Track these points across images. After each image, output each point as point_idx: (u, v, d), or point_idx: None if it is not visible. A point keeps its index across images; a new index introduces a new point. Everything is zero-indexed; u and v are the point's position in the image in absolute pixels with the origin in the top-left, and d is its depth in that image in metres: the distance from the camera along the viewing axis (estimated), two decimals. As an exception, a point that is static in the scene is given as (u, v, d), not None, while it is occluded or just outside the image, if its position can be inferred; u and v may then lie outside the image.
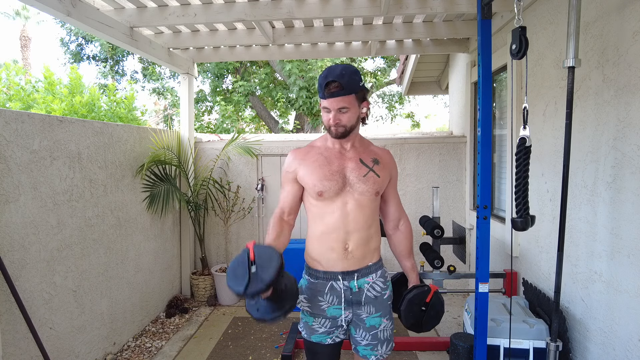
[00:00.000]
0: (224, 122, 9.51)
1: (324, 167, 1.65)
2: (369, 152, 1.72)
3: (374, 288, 1.70)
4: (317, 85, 1.63)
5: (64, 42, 10.54)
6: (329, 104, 1.57)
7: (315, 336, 1.73)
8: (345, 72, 1.56)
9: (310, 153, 1.71)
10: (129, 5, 3.17)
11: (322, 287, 1.69)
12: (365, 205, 1.66)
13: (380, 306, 1.71)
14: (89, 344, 2.89)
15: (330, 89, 1.55)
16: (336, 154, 1.69)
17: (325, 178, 1.63)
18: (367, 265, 1.69)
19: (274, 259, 1.40)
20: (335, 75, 1.54)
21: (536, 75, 2.77)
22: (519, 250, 3.03)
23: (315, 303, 1.70)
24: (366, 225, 1.66)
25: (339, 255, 1.65)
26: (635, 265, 1.81)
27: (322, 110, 1.64)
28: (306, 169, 1.67)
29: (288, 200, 1.73)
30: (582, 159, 2.22)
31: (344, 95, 1.56)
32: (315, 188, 1.64)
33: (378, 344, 1.71)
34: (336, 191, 1.63)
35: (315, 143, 1.76)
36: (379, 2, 3.05)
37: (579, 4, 1.75)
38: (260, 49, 4.32)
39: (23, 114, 2.36)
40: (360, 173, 1.65)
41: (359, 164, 1.67)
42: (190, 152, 4.33)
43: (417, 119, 13.83)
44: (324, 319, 1.70)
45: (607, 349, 2.02)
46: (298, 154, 1.73)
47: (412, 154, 4.45)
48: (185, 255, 4.41)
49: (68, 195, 2.69)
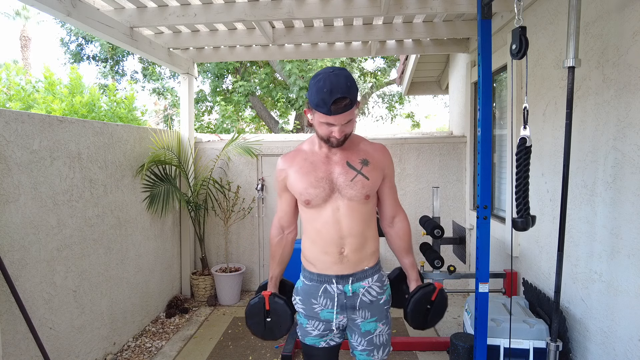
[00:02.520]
0: (224, 122, 9.51)
1: (309, 174, 1.58)
2: (357, 152, 1.62)
3: (370, 292, 1.65)
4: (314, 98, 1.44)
5: (64, 42, 10.54)
6: (336, 120, 1.44)
7: (309, 339, 1.71)
8: (350, 82, 1.42)
9: (296, 159, 1.64)
10: (129, 6, 3.18)
11: (315, 290, 1.65)
12: (357, 210, 1.59)
13: (375, 311, 1.66)
14: (89, 344, 2.89)
15: (340, 106, 1.41)
16: (322, 159, 1.60)
17: (311, 186, 1.57)
18: (363, 269, 1.64)
19: (286, 322, 1.76)
20: (342, 91, 1.39)
21: (536, 75, 2.77)
22: (519, 250, 3.03)
23: (309, 305, 1.68)
24: (360, 229, 1.61)
25: (334, 259, 1.61)
26: (635, 265, 1.81)
27: (319, 124, 1.50)
28: (293, 177, 1.62)
29: (286, 212, 1.74)
30: (582, 159, 2.22)
31: (351, 109, 1.46)
32: (301, 197, 1.60)
33: (374, 349, 1.68)
34: (324, 198, 1.57)
35: (303, 146, 1.67)
36: (379, 2, 3.05)
37: (579, 4, 1.75)
38: (260, 49, 4.32)
39: (23, 114, 2.36)
40: (348, 177, 1.57)
41: (345, 167, 1.58)
42: (190, 152, 4.34)
43: (417, 119, 13.82)
44: (317, 321, 1.68)
45: (607, 349, 2.02)
46: (285, 161, 1.66)
47: (412, 154, 4.45)
48: (185, 255, 4.42)
49: (68, 195, 2.69)
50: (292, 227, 1.78)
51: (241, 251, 4.64)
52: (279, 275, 1.82)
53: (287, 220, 1.76)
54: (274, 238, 1.79)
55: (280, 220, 1.77)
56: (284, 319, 1.75)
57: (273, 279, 1.81)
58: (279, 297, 1.77)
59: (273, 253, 1.79)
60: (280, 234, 1.78)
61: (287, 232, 1.79)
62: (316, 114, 1.48)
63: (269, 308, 1.73)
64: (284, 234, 1.79)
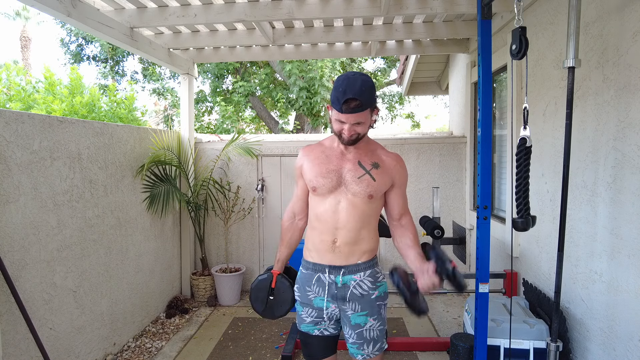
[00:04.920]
0: (224, 123, 9.51)
1: (322, 165, 1.70)
2: (371, 155, 1.72)
3: (360, 286, 1.71)
4: (332, 95, 1.57)
5: (64, 42, 10.54)
6: (346, 118, 1.56)
7: (304, 325, 1.80)
8: (365, 87, 1.52)
9: (314, 150, 1.77)
10: (129, 6, 3.18)
11: (310, 278, 1.75)
12: (358, 206, 1.67)
13: (366, 305, 1.71)
14: (89, 344, 2.89)
15: (350, 106, 1.52)
16: (337, 154, 1.72)
17: (321, 175, 1.68)
18: (355, 263, 1.71)
19: (287, 302, 1.85)
20: (355, 92, 1.50)
21: (536, 75, 2.77)
22: (519, 250, 3.03)
23: (304, 293, 1.78)
24: (357, 225, 1.68)
25: (327, 247, 1.70)
26: (636, 266, 1.81)
27: (334, 120, 1.61)
28: (307, 165, 1.75)
29: (299, 197, 1.85)
30: (582, 159, 2.22)
31: (362, 112, 1.55)
32: (310, 183, 1.72)
33: (364, 343, 1.73)
34: (329, 189, 1.68)
35: (324, 142, 1.80)
36: (379, 3, 3.05)
37: (579, 4, 1.75)
38: (261, 49, 4.32)
39: (23, 115, 2.36)
40: (356, 174, 1.67)
41: (356, 165, 1.68)
42: (191, 153, 4.34)
43: (417, 119, 13.83)
44: (310, 308, 1.76)
45: (607, 349, 2.02)
46: (305, 150, 1.81)
47: (412, 154, 4.45)
48: (186, 255, 4.42)
49: (68, 196, 2.69)
50: (303, 214, 1.88)
51: (241, 251, 4.64)
52: (285, 258, 1.93)
53: (299, 207, 1.87)
54: (285, 222, 1.91)
55: (294, 206, 1.89)
56: (285, 299, 1.86)
57: (280, 261, 1.93)
58: (286, 278, 1.89)
59: (283, 236, 1.92)
60: (291, 219, 1.91)
61: (298, 219, 1.89)
62: (333, 110, 1.60)
63: (274, 286, 1.86)
64: (295, 219, 1.90)
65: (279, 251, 1.93)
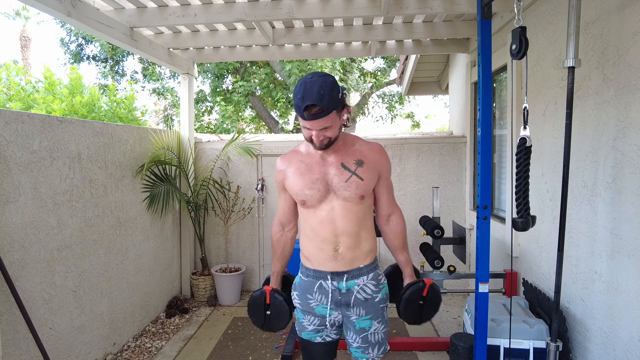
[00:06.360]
0: (224, 122, 9.51)
1: (304, 176, 1.63)
2: (352, 153, 1.64)
3: (364, 290, 1.68)
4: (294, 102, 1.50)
5: (64, 42, 10.53)
6: (311, 125, 1.48)
7: (305, 333, 1.77)
8: (324, 91, 1.42)
9: (293, 160, 1.69)
10: (129, 6, 3.17)
11: (311, 286, 1.70)
12: (352, 210, 1.62)
13: (370, 309, 1.69)
14: (89, 344, 2.89)
15: (311, 112, 1.44)
16: (317, 161, 1.64)
17: (307, 187, 1.62)
18: (358, 267, 1.67)
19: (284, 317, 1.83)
20: (313, 99, 1.41)
21: (536, 75, 2.77)
22: (519, 250, 3.03)
23: (305, 301, 1.73)
24: (355, 229, 1.64)
25: (329, 256, 1.65)
26: (635, 265, 1.81)
27: (302, 127, 1.54)
28: (290, 178, 1.67)
29: (285, 211, 1.81)
30: (582, 159, 2.22)
31: (326, 116, 1.46)
32: (297, 197, 1.66)
33: (369, 346, 1.71)
34: (319, 199, 1.62)
35: (300, 148, 1.72)
36: (379, 2, 3.05)
37: (579, 4, 1.75)
38: (261, 49, 4.32)
39: (23, 114, 2.36)
40: (342, 178, 1.60)
41: (340, 169, 1.61)
42: (190, 152, 4.34)
43: (417, 119, 13.82)
44: (312, 316, 1.72)
45: (607, 349, 2.02)
46: (283, 162, 1.72)
47: (412, 154, 4.45)
48: (185, 255, 4.42)
49: (68, 196, 2.69)
50: (291, 224, 1.84)
51: (241, 251, 4.64)
52: (280, 270, 1.88)
53: (286, 218, 1.83)
54: (274, 235, 1.86)
55: (281, 218, 1.84)
56: (282, 314, 1.83)
57: (275, 274, 1.88)
58: (279, 293, 1.84)
59: (274, 249, 1.87)
60: (280, 231, 1.85)
61: (287, 230, 1.85)
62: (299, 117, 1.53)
63: (269, 302, 1.83)
64: (284, 231, 1.85)
65: (272, 264, 1.88)
